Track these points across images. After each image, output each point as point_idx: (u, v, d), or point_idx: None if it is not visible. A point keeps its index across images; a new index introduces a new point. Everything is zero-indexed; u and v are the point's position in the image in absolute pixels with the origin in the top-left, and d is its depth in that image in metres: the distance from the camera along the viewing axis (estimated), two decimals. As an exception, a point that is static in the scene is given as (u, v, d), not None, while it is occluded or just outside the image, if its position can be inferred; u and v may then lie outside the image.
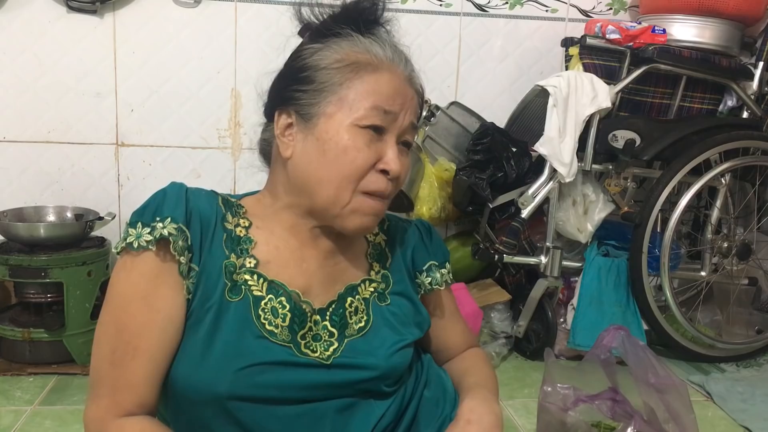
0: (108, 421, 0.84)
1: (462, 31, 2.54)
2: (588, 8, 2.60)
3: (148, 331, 0.84)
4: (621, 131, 2.21)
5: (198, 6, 2.37)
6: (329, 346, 0.90)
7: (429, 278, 1.03)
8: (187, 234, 0.86)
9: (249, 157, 2.46)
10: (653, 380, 0.99)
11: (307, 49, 0.91)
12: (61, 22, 2.31)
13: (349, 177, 0.87)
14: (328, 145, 0.86)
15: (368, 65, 0.88)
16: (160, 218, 0.85)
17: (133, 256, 0.85)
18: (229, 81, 2.42)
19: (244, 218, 0.92)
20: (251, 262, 0.89)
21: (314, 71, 0.88)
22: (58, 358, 2.10)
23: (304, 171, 0.89)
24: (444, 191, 2.35)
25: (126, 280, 0.86)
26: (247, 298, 0.87)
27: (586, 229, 2.27)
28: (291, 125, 0.90)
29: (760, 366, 2.43)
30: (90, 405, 0.86)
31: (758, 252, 2.50)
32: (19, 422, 1.78)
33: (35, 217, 2.25)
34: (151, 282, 0.84)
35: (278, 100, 0.92)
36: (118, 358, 0.85)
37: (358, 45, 0.89)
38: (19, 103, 2.33)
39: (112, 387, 0.85)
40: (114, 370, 0.85)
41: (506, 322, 2.34)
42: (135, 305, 0.85)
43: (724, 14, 2.30)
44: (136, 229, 0.85)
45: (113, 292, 0.87)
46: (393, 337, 0.94)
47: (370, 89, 0.87)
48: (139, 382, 0.84)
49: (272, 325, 0.87)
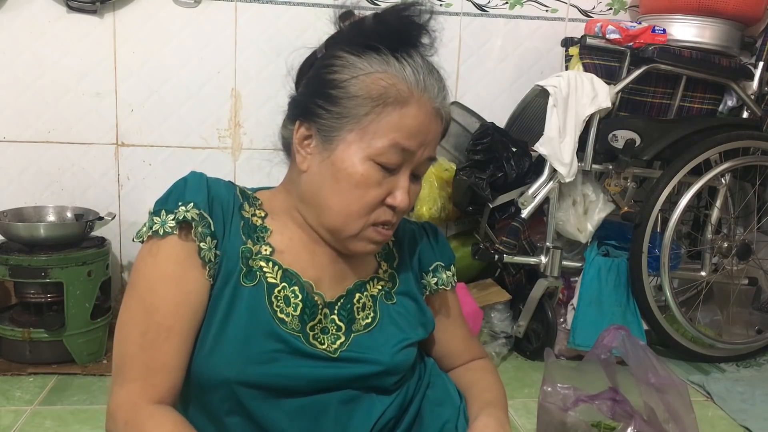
0: (141, 406, 0.81)
1: (462, 31, 2.54)
2: (588, 8, 2.60)
3: (181, 311, 0.84)
4: (621, 131, 2.21)
5: (198, 6, 2.37)
6: (336, 339, 0.91)
7: (435, 278, 1.04)
8: (209, 221, 0.86)
9: (249, 157, 2.47)
10: (653, 380, 0.99)
11: (342, 59, 0.87)
12: (61, 22, 2.31)
13: (358, 212, 0.88)
14: (342, 174, 0.87)
15: (396, 99, 0.85)
16: (182, 203, 0.86)
17: (159, 241, 0.85)
18: (229, 81, 2.42)
19: (260, 209, 0.94)
20: (267, 249, 0.90)
21: (342, 93, 0.86)
22: (58, 358, 2.10)
23: (316, 190, 0.89)
24: (444, 191, 2.35)
25: (153, 263, 0.85)
26: (261, 285, 0.88)
27: (586, 229, 2.27)
28: (310, 137, 0.90)
29: (760, 366, 2.43)
30: (118, 391, 0.83)
31: (758, 252, 2.50)
32: (19, 422, 1.78)
33: (35, 217, 2.25)
34: (180, 264, 0.85)
35: (301, 110, 0.90)
36: (149, 340, 0.83)
37: (389, 70, 0.85)
38: (19, 103, 2.33)
39: (145, 370, 0.83)
40: (145, 353, 0.83)
41: (506, 322, 2.34)
42: (165, 286, 0.84)
43: (724, 14, 2.30)
44: (160, 216, 0.86)
45: (139, 277, 0.86)
46: (398, 335, 0.95)
47: (392, 126, 0.85)
48: (174, 365, 0.83)
49: (284, 314, 0.87)
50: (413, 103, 0.86)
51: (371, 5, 2.45)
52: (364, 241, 0.91)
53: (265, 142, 2.41)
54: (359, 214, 0.88)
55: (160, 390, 0.82)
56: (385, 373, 0.92)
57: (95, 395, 1.95)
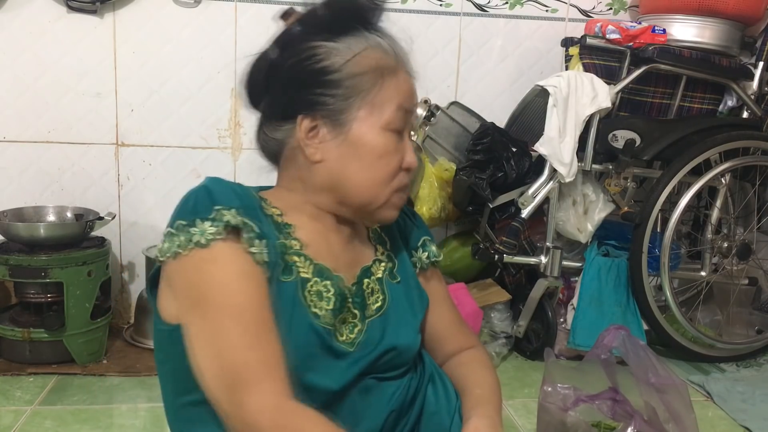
0: (284, 405, 0.77)
1: (462, 31, 2.54)
2: (588, 8, 2.60)
3: (266, 303, 0.82)
4: (621, 131, 2.21)
5: (198, 6, 2.37)
6: (354, 327, 0.92)
7: (426, 253, 1.07)
8: (252, 224, 0.84)
9: (249, 157, 2.47)
10: (654, 380, 0.99)
11: (322, 47, 0.89)
12: (61, 22, 2.31)
13: (386, 180, 0.92)
14: (364, 150, 0.90)
15: (388, 68, 0.90)
16: (220, 207, 0.83)
17: (206, 249, 0.81)
18: (229, 81, 2.42)
19: (274, 207, 0.93)
20: (296, 244, 0.90)
21: (341, 75, 0.88)
22: (58, 358, 2.10)
23: (339, 174, 0.91)
24: (444, 191, 2.35)
25: (218, 269, 0.81)
26: (296, 279, 0.88)
27: (586, 229, 2.27)
28: (315, 128, 0.90)
29: (760, 366, 2.43)
30: (247, 399, 0.77)
31: (758, 252, 2.50)
32: (19, 422, 1.78)
33: (35, 217, 2.25)
34: (244, 261, 0.82)
35: (300, 104, 0.90)
36: (253, 337, 0.79)
37: (374, 45, 0.90)
38: (19, 103, 2.33)
39: (265, 367, 0.78)
40: (255, 352, 0.79)
41: (506, 322, 2.34)
42: (243, 284, 0.81)
43: (724, 14, 2.30)
44: (197, 226, 0.81)
45: (207, 286, 0.81)
46: (407, 315, 0.98)
47: (394, 92, 0.90)
48: (281, 351, 0.80)
49: (317, 308, 0.88)
50: (401, 68, 0.92)
51: (371, 5, 2.44)
52: (390, 208, 0.94)
53: (265, 142, 2.39)
54: (385, 182, 0.92)
55: (287, 382, 0.79)
56: (396, 352, 0.94)
57: (95, 395, 1.96)
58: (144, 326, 2.31)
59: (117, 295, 2.48)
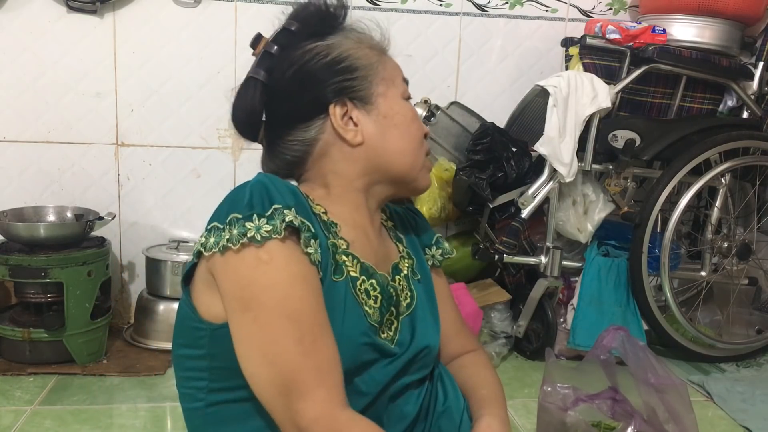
0: (338, 413, 0.78)
1: (462, 31, 2.54)
2: (588, 8, 2.60)
3: (322, 306, 0.82)
4: (621, 131, 2.21)
5: (198, 6, 2.37)
6: (391, 325, 0.94)
7: (439, 249, 1.10)
8: (308, 224, 0.83)
9: (249, 157, 2.47)
10: (653, 380, 0.99)
11: (322, 45, 0.93)
12: (61, 22, 2.31)
13: (420, 140, 0.97)
14: (397, 119, 0.94)
15: (380, 48, 0.97)
16: (280, 206, 0.81)
17: (261, 247, 0.79)
18: (229, 81, 2.42)
19: (317, 204, 0.92)
20: (343, 243, 0.91)
21: (352, 60, 0.93)
22: (58, 358, 2.10)
23: (381, 149, 0.94)
24: (444, 191, 2.35)
25: (275, 270, 0.80)
26: (347, 279, 0.89)
27: (586, 229, 2.27)
28: (346, 113, 0.93)
29: (760, 366, 2.43)
30: (302, 407, 0.77)
31: (758, 252, 2.50)
32: (19, 422, 1.78)
33: (35, 217, 2.25)
34: (300, 263, 0.81)
35: (327, 95, 0.92)
36: (309, 344, 0.78)
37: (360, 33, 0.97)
38: (19, 103, 2.33)
39: (319, 374, 0.78)
40: (310, 359, 0.78)
41: (506, 322, 2.34)
42: (299, 288, 0.80)
43: (724, 14, 2.29)
44: (253, 221, 0.79)
45: (262, 287, 0.79)
46: (432, 313, 1.01)
47: (393, 65, 0.97)
48: (337, 355, 0.80)
49: (367, 306, 0.89)
50: (387, 48, 0.99)
51: (371, 5, 2.45)
52: (426, 172, 0.98)
53: (265, 142, 2.39)
54: (421, 143, 0.97)
55: (341, 390, 0.79)
56: (429, 352, 0.96)
57: (95, 395, 1.96)
58: (144, 326, 2.31)
59: (117, 295, 2.48)
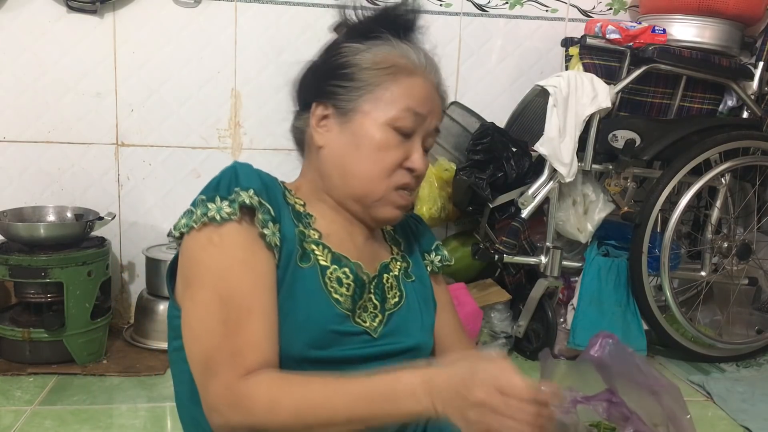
0: (235, 385, 0.80)
1: (462, 31, 2.54)
2: (588, 8, 2.60)
3: (259, 293, 0.84)
4: (621, 131, 2.21)
5: (198, 6, 2.37)
6: (375, 317, 0.95)
7: (439, 256, 1.11)
8: (268, 206, 0.87)
9: (249, 157, 2.47)
10: (644, 385, 0.99)
11: (348, 47, 0.95)
12: (61, 22, 2.31)
13: (380, 174, 0.93)
14: (362, 141, 0.93)
15: (405, 69, 0.94)
16: (239, 188, 0.85)
17: (218, 229, 0.85)
18: (229, 81, 2.42)
19: (298, 198, 0.97)
20: (315, 234, 0.94)
21: (355, 70, 0.93)
22: (58, 358, 2.10)
23: (337, 161, 0.95)
24: (444, 191, 2.35)
25: (219, 252, 0.84)
26: (315, 266, 0.91)
27: (586, 229, 2.27)
28: (327, 116, 0.95)
29: (760, 366, 2.43)
30: (211, 387, 0.81)
31: (758, 252, 2.50)
32: (19, 422, 1.78)
33: (35, 217, 2.25)
34: (248, 249, 0.85)
35: (316, 93, 0.96)
36: (232, 326, 0.82)
37: (396, 49, 0.95)
38: (19, 103, 2.33)
39: (231, 355, 0.81)
40: (229, 340, 0.81)
41: (506, 322, 2.34)
42: (237, 272, 0.84)
43: (724, 14, 2.29)
44: (215, 203, 0.85)
45: (205, 267, 0.85)
46: (423, 313, 1.02)
47: (404, 92, 0.93)
48: (260, 339, 0.82)
49: (338, 294, 0.91)
50: (419, 74, 0.95)
51: (371, 5, 2.44)
52: (389, 206, 0.96)
53: (265, 142, 2.40)
54: (381, 176, 0.94)
55: (248, 365, 0.81)
56: (417, 349, 0.97)
57: (95, 395, 1.96)
58: (144, 326, 2.31)
59: (117, 295, 2.48)
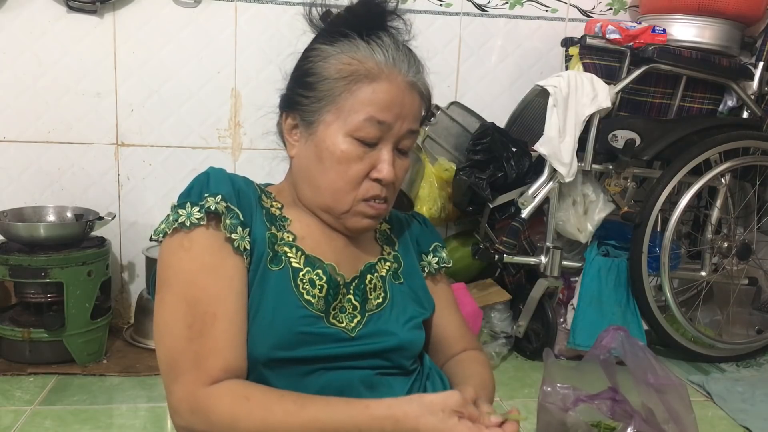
0: (197, 393, 0.81)
1: (462, 31, 2.54)
2: (588, 8, 2.60)
3: (224, 297, 0.85)
4: (621, 131, 2.21)
5: (198, 6, 2.37)
6: (353, 318, 0.94)
7: (436, 258, 1.10)
8: (237, 211, 0.88)
9: (249, 157, 2.47)
10: (652, 381, 0.99)
11: (315, 50, 0.94)
12: (61, 22, 2.31)
13: (344, 187, 0.92)
14: (325, 153, 0.91)
15: (366, 75, 0.89)
16: (208, 194, 0.87)
17: (188, 234, 0.87)
18: (229, 81, 2.42)
19: (276, 201, 0.97)
20: (289, 236, 0.94)
21: (316, 79, 0.92)
22: (58, 358, 2.10)
23: (304, 172, 0.95)
24: (444, 191, 2.35)
25: (188, 257, 0.86)
26: (286, 269, 0.91)
27: (586, 229, 2.27)
28: (296, 126, 0.95)
29: (760, 366, 2.43)
30: (174, 388, 0.83)
31: (758, 252, 2.50)
32: (19, 422, 1.78)
33: (35, 217, 2.25)
34: (216, 254, 0.86)
35: (286, 102, 0.96)
36: (197, 330, 0.84)
37: (358, 52, 0.91)
38: (19, 103, 2.33)
39: (194, 359, 0.83)
40: (193, 344, 0.83)
41: (506, 322, 2.34)
42: (205, 277, 0.85)
43: (724, 14, 2.30)
44: (185, 209, 0.87)
45: (174, 271, 0.87)
46: (408, 313, 1.00)
47: (365, 100, 0.89)
48: (223, 346, 0.84)
49: (310, 295, 0.91)
50: (383, 78, 0.90)
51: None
52: (358, 216, 0.94)
53: (265, 142, 2.40)
54: (345, 189, 0.92)
55: (213, 373, 0.82)
56: (399, 348, 0.96)
57: (95, 395, 1.96)
58: (144, 326, 2.31)
59: (117, 295, 2.48)
